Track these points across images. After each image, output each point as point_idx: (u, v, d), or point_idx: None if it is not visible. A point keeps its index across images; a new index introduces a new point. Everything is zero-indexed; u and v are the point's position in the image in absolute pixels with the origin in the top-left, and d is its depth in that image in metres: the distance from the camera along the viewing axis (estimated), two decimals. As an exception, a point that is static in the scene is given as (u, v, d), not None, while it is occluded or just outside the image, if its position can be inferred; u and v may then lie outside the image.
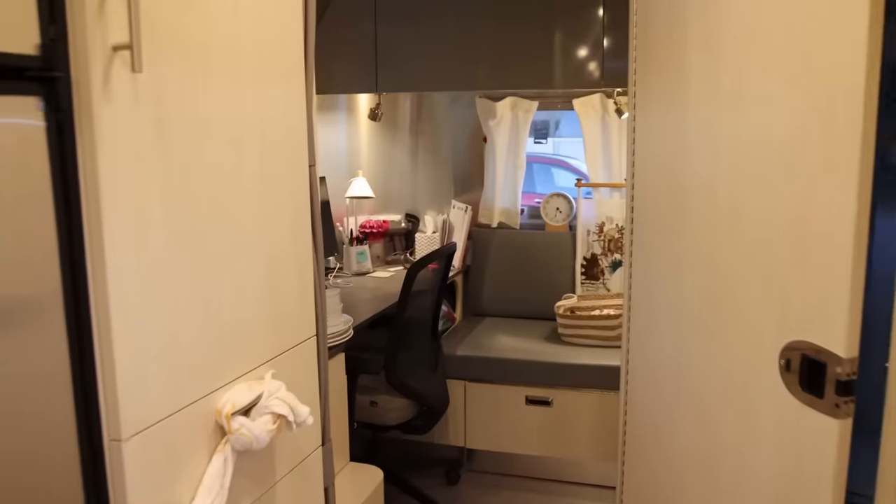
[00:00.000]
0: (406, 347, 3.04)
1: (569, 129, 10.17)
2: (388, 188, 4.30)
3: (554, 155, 9.11)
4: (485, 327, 3.94)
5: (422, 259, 2.89)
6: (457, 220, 4.07)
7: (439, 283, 3.26)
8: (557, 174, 9.03)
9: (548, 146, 9.66)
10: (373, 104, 3.74)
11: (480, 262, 4.15)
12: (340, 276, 3.82)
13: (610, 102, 3.84)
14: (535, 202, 4.40)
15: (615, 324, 3.51)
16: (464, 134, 4.24)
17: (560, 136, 9.46)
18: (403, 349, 3.00)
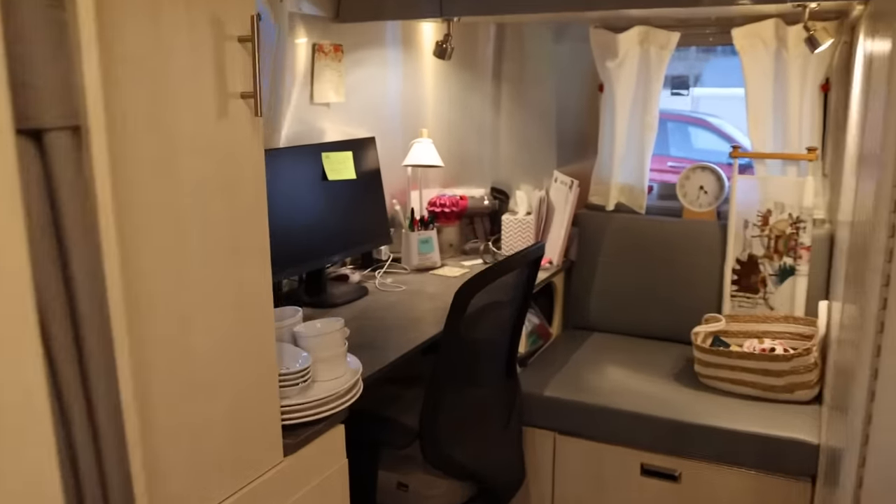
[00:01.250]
0: (456, 398, 2.02)
1: (713, 78, 8.68)
2: (466, 153, 3.22)
3: (692, 112, 7.68)
4: (590, 351, 2.84)
5: (483, 275, 1.83)
6: (559, 198, 2.96)
7: (521, 296, 2.20)
8: (696, 136, 7.60)
9: (684, 100, 8.21)
10: (439, 36, 2.68)
11: (589, 257, 3.03)
12: (393, 272, 2.82)
13: (791, 31, 2.59)
14: (668, 177, 3.21)
15: (787, 367, 2.33)
16: (571, 80, 3.08)
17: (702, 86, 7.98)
18: (450, 404, 1.98)
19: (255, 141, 1.34)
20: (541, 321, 2.96)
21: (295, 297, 2.47)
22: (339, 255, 2.55)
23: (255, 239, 1.38)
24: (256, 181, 1.36)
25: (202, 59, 1.22)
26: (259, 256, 1.39)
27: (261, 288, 1.41)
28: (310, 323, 1.76)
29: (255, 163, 1.35)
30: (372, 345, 2.08)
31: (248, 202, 1.35)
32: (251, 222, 1.37)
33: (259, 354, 1.42)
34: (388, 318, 2.31)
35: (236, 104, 1.30)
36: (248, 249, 1.37)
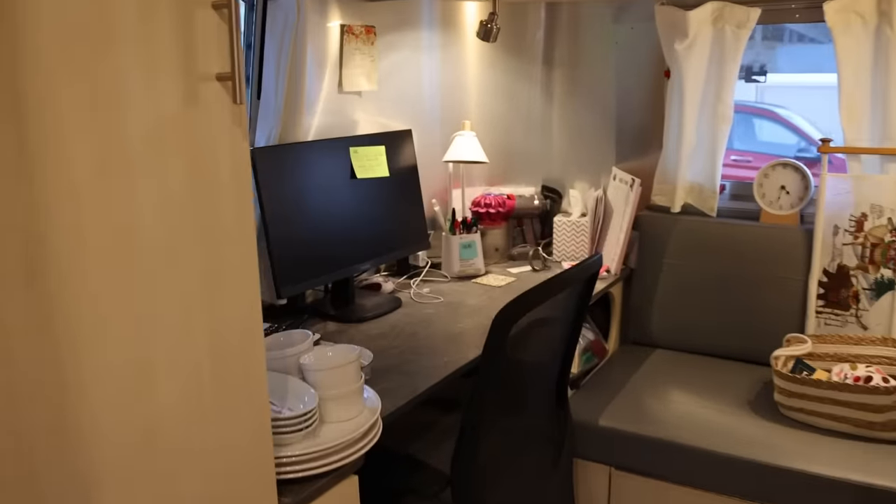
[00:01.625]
0: (496, 433, 1.73)
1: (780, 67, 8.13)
2: (513, 147, 2.91)
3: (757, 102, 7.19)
4: (651, 371, 2.51)
5: (527, 296, 1.53)
6: (618, 198, 2.64)
7: (574, 312, 1.89)
8: (761, 127, 7.12)
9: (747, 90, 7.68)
10: (483, 15, 2.38)
11: (651, 264, 2.70)
12: (432, 280, 2.53)
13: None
14: (732, 172, 2.85)
15: (889, 402, 1.97)
16: (633, 65, 2.74)
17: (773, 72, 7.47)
18: (490, 442, 1.69)
19: (236, 134, 1.07)
20: (596, 336, 2.64)
21: (320, 310, 2.21)
22: (370, 263, 2.28)
23: (239, 260, 1.11)
24: (240, 185, 1.09)
25: (160, 31, 0.95)
26: (245, 281, 1.12)
27: (247, 321, 1.14)
28: (320, 350, 1.49)
29: (237, 162, 1.08)
30: (399, 369, 1.80)
31: (230, 213, 1.08)
32: (234, 239, 1.09)
33: (246, 402, 1.15)
34: (422, 335, 2.03)
35: (210, 89, 1.02)
36: (229, 274, 1.09)
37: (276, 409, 1.37)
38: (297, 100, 2.03)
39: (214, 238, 1.06)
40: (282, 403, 1.41)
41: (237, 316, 1.11)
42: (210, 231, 1.05)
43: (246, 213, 1.11)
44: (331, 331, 2.08)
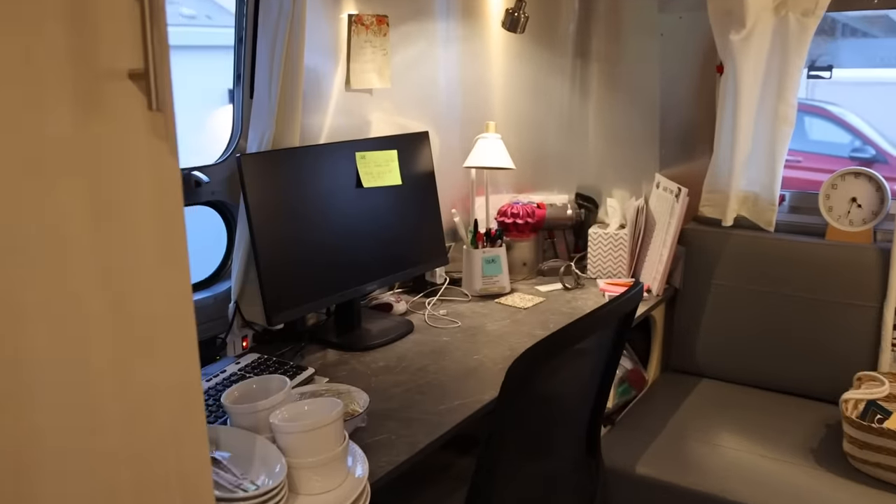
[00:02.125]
0: (516, 486, 1.46)
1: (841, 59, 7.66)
2: (544, 151, 2.62)
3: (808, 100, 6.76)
4: (697, 406, 2.21)
5: (549, 344, 1.25)
6: (661, 208, 2.34)
7: (609, 348, 1.61)
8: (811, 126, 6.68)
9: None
10: (510, 3, 2.09)
11: (698, 284, 2.39)
12: (450, 299, 2.27)
13: None
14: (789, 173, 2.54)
15: (984, 463, 1.65)
16: (681, 59, 2.43)
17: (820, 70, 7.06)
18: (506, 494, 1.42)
19: (159, 150, 0.81)
20: (634, 365, 2.34)
21: (320, 335, 1.96)
22: (377, 284, 2.02)
23: (169, 313, 0.85)
24: (166, 216, 0.83)
25: (42, 14, 0.70)
26: (179, 342, 0.87)
27: (184, 398, 0.88)
28: (294, 407, 1.23)
29: (161, 185, 0.82)
30: (400, 414, 1.54)
31: (151, 252, 0.83)
32: (161, 287, 0.84)
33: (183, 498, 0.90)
34: (432, 369, 1.76)
35: (117, 90, 0.77)
36: (160, 332, 0.84)
37: (235, 480, 1.12)
38: (293, 100, 1.77)
39: (132, 290, 0.81)
40: (245, 471, 1.16)
41: (166, 392, 0.86)
42: (124, 280, 0.80)
43: (176, 250, 0.85)
44: (330, 361, 1.83)
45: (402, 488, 1.75)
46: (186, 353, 0.89)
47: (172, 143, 0.83)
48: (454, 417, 1.52)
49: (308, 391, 1.53)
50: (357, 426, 1.47)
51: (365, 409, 1.46)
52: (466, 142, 2.38)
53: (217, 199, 1.87)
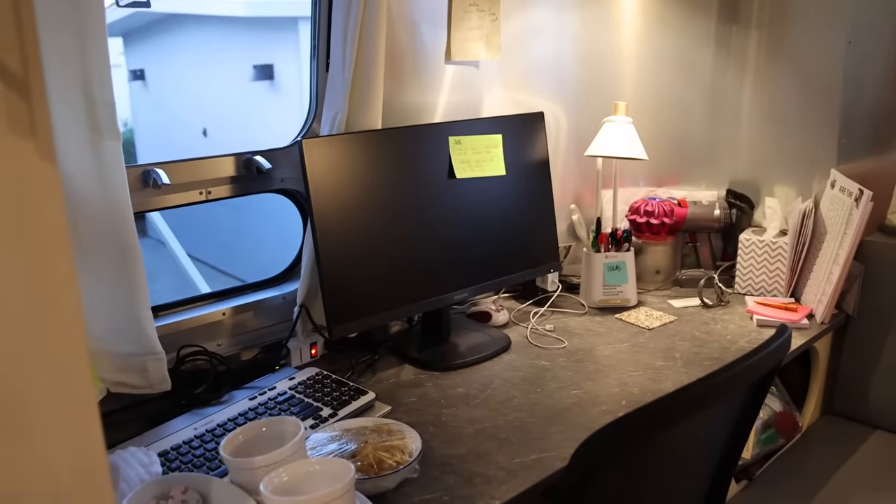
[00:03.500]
0: None
1: None
2: (687, 138, 2.18)
3: None
4: (865, 462, 1.75)
5: (640, 420, 0.90)
6: (836, 213, 1.87)
7: (740, 405, 1.23)
8: None
9: None
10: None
11: (878, 312, 1.91)
12: (562, 310, 1.94)
13: None
14: None
15: None
16: (873, 23, 1.92)
17: None
18: None
19: (21, 150, 0.56)
20: (785, 407, 1.91)
21: (400, 347, 1.70)
22: (470, 291, 1.72)
23: (43, 382, 0.61)
24: (39, 247, 0.58)
25: None
26: (63, 418, 0.62)
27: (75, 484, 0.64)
28: (300, 467, 0.97)
29: (15, 194, 0.57)
30: (463, 465, 1.25)
31: (14, 298, 0.58)
32: (29, 343, 0.59)
33: None
34: (517, 403, 1.46)
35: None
36: (26, 410, 0.60)
37: (208, 562, 0.88)
38: (371, 75, 1.50)
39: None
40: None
41: (49, 492, 0.62)
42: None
43: (59, 296, 0.60)
44: (402, 382, 1.56)
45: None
46: (83, 426, 0.64)
47: (45, 140, 0.58)
48: (526, 478, 1.21)
49: (354, 427, 1.27)
50: (407, 476, 1.20)
51: (416, 458, 1.18)
52: (591, 125, 2.01)
53: (289, 188, 1.65)
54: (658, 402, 0.91)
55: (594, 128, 1.97)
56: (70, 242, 0.61)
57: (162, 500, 0.97)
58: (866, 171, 1.94)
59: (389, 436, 1.24)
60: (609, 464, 0.92)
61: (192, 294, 1.62)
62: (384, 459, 1.17)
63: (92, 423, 0.65)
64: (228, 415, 1.34)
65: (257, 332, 1.66)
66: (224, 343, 1.60)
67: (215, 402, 1.43)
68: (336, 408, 1.38)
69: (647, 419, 0.89)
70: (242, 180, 1.56)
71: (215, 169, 1.52)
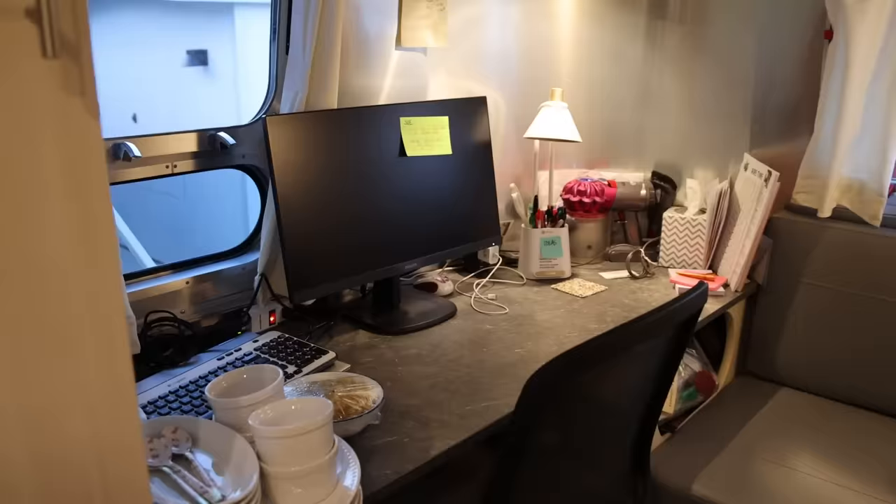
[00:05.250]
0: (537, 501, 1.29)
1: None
2: (617, 123, 2.36)
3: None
4: (772, 418, 1.96)
5: (576, 356, 1.05)
6: (748, 193, 2.07)
7: (663, 356, 1.39)
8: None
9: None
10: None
11: (785, 282, 2.12)
12: (503, 281, 2.08)
13: None
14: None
15: None
16: (783, 21, 2.13)
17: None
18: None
19: (67, 105, 0.66)
20: (704, 367, 2.10)
21: (354, 314, 1.81)
22: (419, 261, 1.85)
23: (88, 307, 0.71)
24: (84, 190, 0.68)
25: None
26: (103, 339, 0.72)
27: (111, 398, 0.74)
28: (282, 406, 1.08)
29: (72, 151, 0.67)
30: (420, 414, 1.38)
31: (64, 235, 0.68)
32: (77, 276, 0.69)
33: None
34: (467, 361, 1.60)
35: (5, 33, 0.62)
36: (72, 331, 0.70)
37: (201, 487, 0.99)
38: (329, 58, 1.61)
39: (37, 281, 0.66)
40: (218, 474, 1.03)
41: (86, 392, 0.72)
42: (29, 270, 0.65)
43: (99, 234, 0.70)
44: (358, 345, 1.68)
45: (417, 492, 1.60)
46: (113, 350, 0.74)
47: (90, 97, 0.68)
48: (478, 422, 1.35)
49: (321, 380, 1.38)
50: (369, 423, 1.32)
51: (378, 405, 1.31)
52: (530, 109, 2.16)
53: (249, 164, 1.74)
54: (593, 340, 1.06)
55: (532, 112, 2.12)
56: (108, 188, 0.71)
57: (155, 438, 1.06)
58: (775, 155, 2.15)
59: (353, 386, 1.36)
60: (555, 392, 1.06)
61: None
62: (350, 406, 1.29)
63: (121, 348, 0.75)
64: (199, 373, 1.44)
65: (218, 300, 1.75)
66: (187, 311, 1.69)
67: (183, 364, 1.52)
68: (300, 366, 1.49)
69: (588, 350, 1.04)
70: (206, 156, 1.64)
71: (181, 144, 1.60)
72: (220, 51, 6.50)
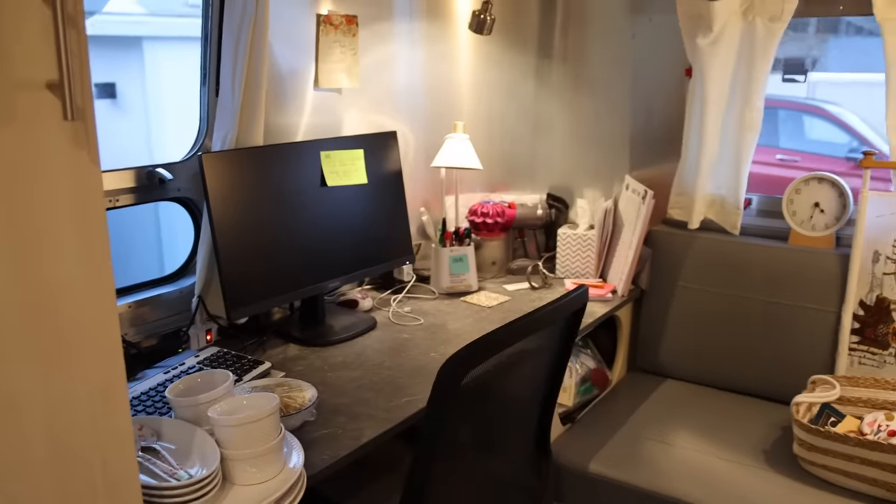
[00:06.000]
0: (452, 483, 1.50)
1: (834, 62, 7.74)
2: (514, 151, 2.65)
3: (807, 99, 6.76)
4: (658, 406, 2.25)
5: (483, 345, 1.28)
6: (630, 210, 2.37)
7: (557, 347, 1.64)
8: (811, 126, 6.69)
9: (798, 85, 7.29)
10: (477, 5, 2.11)
11: (664, 286, 2.43)
12: (417, 296, 2.30)
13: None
14: (775, 172, 2.56)
15: (924, 468, 1.69)
16: (652, 61, 2.46)
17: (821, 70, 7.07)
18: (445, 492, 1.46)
19: (77, 158, 0.85)
20: (598, 364, 2.38)
21: (284, 330, 2.00)
22: (340, 280, 2.06)
23: (89, 325, 0.89)
24: (88, 225, 0.87)
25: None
26: (100, 349, 0.91)
27: (108, 396, 0.92)
28: (233, 401, 1.27)
29: (79, 195, 0.86)
30: (350, 409, 1.58)
31: (71, 264, 0.86)
32: (80, 298, 0.87)
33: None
34: (388, 365, 1.80)
35: (32, 101, 0.80)
36: (75, 343, 0.88)
37: (170, 470, 1.16)
38: (256, 100, 1.80)
39: (48, 301, 0.84)
40: (183, 462, 1.20)
41: (88, 397, 0.90)
42: (41, 285, 0.83)
43: (97, 255, 0.89)
44: (290, 356, 1.87)
45: (353, 481, 1.79)
46: (109, 355, 0.92)
47: (93, 151, 0.87)
48: (400, 414, 1.56)
49: (261, 385, 1.57)
50: (305, 419, 1.51)
51: (313, 402, 1.50)
52: (437, 141, 2.41)
53: (184, 196, 1.91)
54: (493, 332, 1.29)
55: (438, 144, 2.37)
56: (106, 223, 0.90)
57: (123, 434, 1.23)
58: (652, 176, 2.47)
59: (290, 389, 1.55)
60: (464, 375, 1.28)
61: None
62: (289, 404, 1.47)
63: (115, 353, 0.93)
64: (149, 385, 1.59)
65: (157, 322, 1.90)
66: (129, 332, 1.83)
67: (131, 380, 1.67)
68: (240, 375, 1.66)
69: (489, 339, 1.27)
70: (145, 190, 1.81)
71: (122, 179, 1.76)
72: (129, 84, 6.52)
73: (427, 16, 2.41)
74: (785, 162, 6.09)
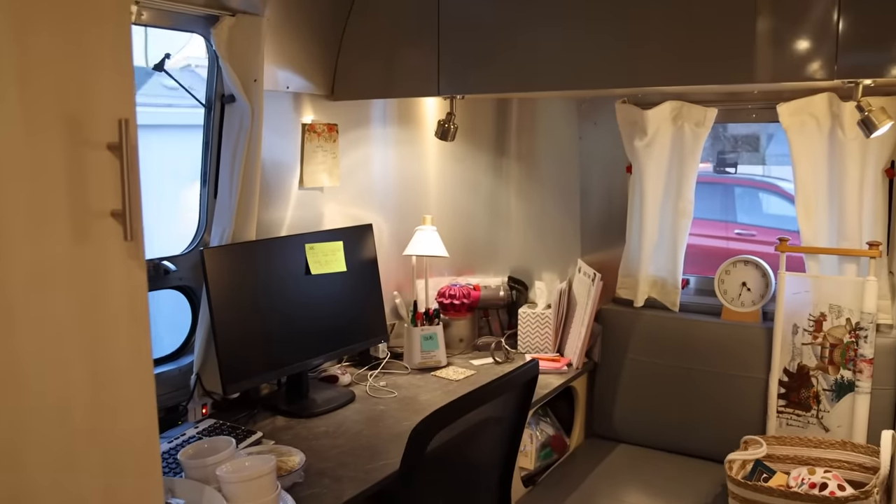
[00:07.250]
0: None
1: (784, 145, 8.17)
2: (478, 239, 2.95)
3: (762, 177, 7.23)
4: (611, 468, 2.47)
5: (449, 410, 1.52)
6: (582, 290, 2.65)
7: (513, 415, 1.88)
8: (767, 202, 7.14)
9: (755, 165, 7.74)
10: (442, 114, 2.44)
11: (614, 358, 2.69)
12: (391, 372, 2.53)
13: (847, 107, 2.24)
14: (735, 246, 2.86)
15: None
16: (597, 159, 2.79)
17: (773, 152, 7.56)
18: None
19: (131, 267, 1.10)
20: (557, 432, 2.61)
21: (272, 403, 2.21)
22: (323, 358, 2.29)
23: (134, 392, 1.12)
24: (135, 317, 1.11)
25: (49, 169, 0.99)
26: (141, 415, 1.14)
27: (143, 456, 1.15)
28: (237, 462, 1.49)
29: (132, 295, 1.11)
30: (333, 472, 1.79)
31: (124, 345, 1.10)
32: (128, 371, 1.11)
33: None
34: (366, 434, 2.03)
35: (101, 226, 1.06)
36: (124, 408, 1.11)
37: (184, 523, 1.37)
38: (250, 202, 2.07)
39: (106, 372, 1.08)
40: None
41: (132, 450, 1.12)
42: (101, 365, 1.07)
43: (141, 343, 1.13)
44: (278, 426, 2.08)
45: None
46: (148, 418, 1.16)
47: (141, 260, 1.12)
48: (378, 475, 1.78)
49: (255, 451, 1.78)
50: (294, 481, 1.72)
51: (301, 466, 1.72)
52: (408, 231, 2.69)
53: (184, 284, 2.15)
54: (455, 400, 1.54)
55: (409, 234, 2.65)
56: (148, 313, 1.14)
57: (142, 493, 1.44)
58: (602, 259, 2.76)
59: (281, 454, 1.76)
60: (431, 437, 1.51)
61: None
62: (282, 466, 1.69)
63: (152, 416, 1.16)
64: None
65: (159, 397, 2.10)
66: (133, 408, 2.04)
67: (137, 450, 1.87)
68: (237, 443, 1.87)
69: (452, 406, 1.51)
70: (152, 280, 2.05)
71: (131, 272, 2.00)
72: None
73: (399, 122, 2.73)
74: (742, 236, 6.47)
